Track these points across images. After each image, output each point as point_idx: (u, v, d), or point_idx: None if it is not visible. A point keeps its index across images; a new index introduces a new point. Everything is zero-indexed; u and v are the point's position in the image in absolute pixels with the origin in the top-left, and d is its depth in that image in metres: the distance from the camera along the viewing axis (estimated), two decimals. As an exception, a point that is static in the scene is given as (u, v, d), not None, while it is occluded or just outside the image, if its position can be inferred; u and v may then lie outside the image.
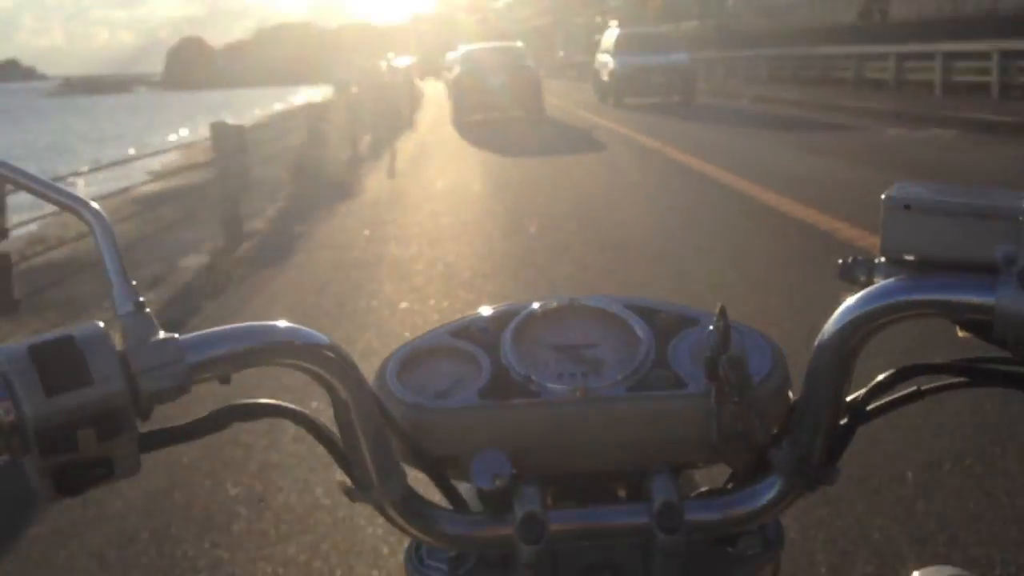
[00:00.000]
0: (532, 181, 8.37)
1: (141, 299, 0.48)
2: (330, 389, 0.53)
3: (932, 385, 0.56)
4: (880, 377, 0.55)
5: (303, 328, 0.52)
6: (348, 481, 0.57)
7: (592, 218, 6.31)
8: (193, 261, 5.78)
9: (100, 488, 0.47)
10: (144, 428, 0.48)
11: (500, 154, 10.88)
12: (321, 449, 0.57)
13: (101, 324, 0.46)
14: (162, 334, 0.48)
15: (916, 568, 0.63)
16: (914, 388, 0.56)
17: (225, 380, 0.51)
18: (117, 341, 0.47)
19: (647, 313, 0.64)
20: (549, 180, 8.25)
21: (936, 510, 2.14)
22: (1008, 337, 0.47)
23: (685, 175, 8.09)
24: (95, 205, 0.52)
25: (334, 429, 0.56)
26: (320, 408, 0.57)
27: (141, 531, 2.28)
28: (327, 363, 0.52)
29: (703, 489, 0.62)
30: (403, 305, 4.28)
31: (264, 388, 1.44)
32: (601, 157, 10.38)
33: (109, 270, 0.49)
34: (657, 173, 8.46)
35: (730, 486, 0.61)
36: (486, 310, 0.65)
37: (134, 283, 0.49)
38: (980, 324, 0.48)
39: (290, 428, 2.16)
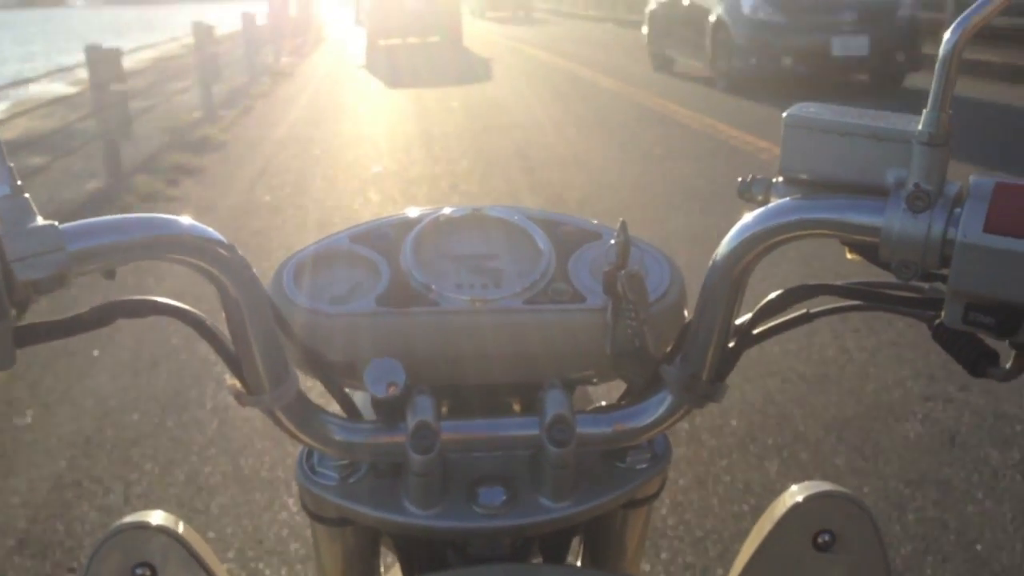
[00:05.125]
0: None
1: (19, 183, 0.45)
2: (221, 289, 0.52)
3: (820, 308, 0.58)
4: (769, 298, 0.56)
5: (196, 223, 0.50)
6: (238, 385, 0.56)
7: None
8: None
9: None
10: (23, 321, 0.46)
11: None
12: None
13: None
14: (41, 220, 0.45)
15: (795, 484, 0.64)
16: (803, 311, 0.57)
17: (110, 275, 0.49)
18: None
19: (550, 226, 0.64)
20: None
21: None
22: (892, 260, 0.48)
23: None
24: None
25: (225, 331, 0.54)
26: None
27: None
28: (219, 261, 0.50)
29: (597, 405, 0.62)
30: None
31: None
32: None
33: None
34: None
35: (623, 402, 0.61)
36: (389, 216, 0.64)
37: (11, 165, 0.45)
38: (868, 246, 0.49)
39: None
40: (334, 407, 0.61)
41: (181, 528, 0.62)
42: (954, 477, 2.09)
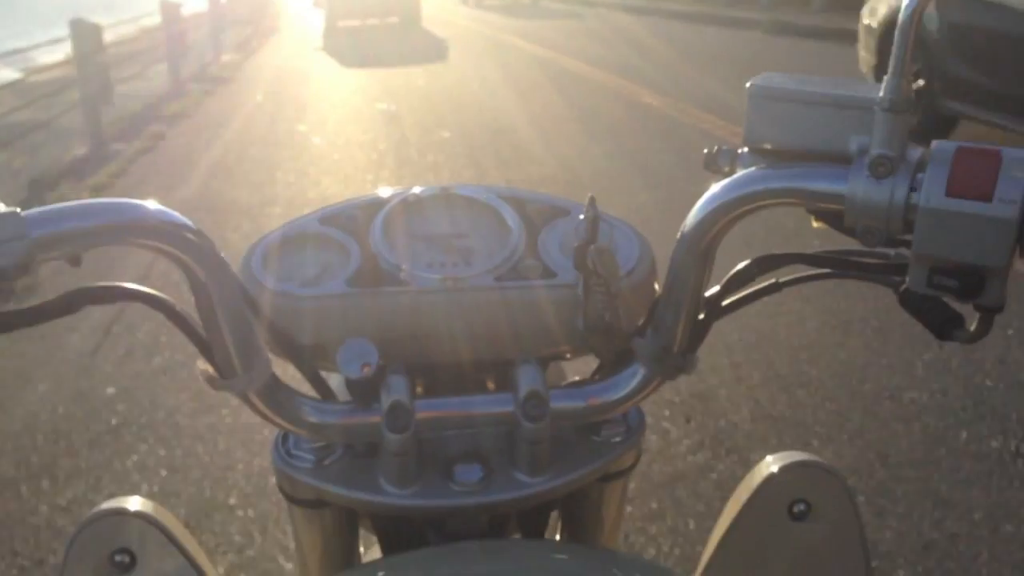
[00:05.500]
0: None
1: None
2: (190, 274, 0.72)
3: (789, 278, 0.80)
4: (737, 268, 0.78)
5: (164, 208, 0.69)
6: (210, 369, 0.77)
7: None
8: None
9: None
10: None
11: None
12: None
13: None
14: (2, 207, 0.60)
15: (770, 455, 0.88)
16: (772, 281, 0.80)
17: (75, 262, 0.67)
18: None
19: (519, 203, 0.88)
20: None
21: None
22: (857, 226, 0.67)
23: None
24: None
25: (196, 316, 0.75)
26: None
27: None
28: (186, 245, 0.70)
29: (571, 380, 0.86)
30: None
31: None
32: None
33: None
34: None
35: (597, 377, 0.85)
36: (358, 197, 0.88)
37: None
38: (833, 214, 0.69)
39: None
40: (309, 390, 0.83)
41: (159, 513, 0.84)
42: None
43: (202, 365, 0.77)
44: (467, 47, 16.86)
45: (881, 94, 0.65)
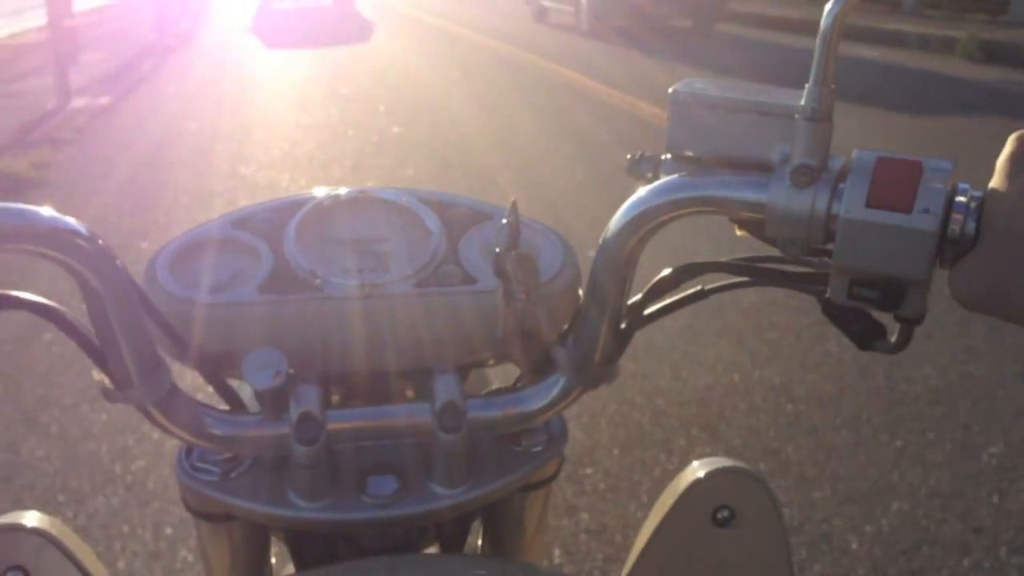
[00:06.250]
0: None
1: None
2: (80, 280, 0.68)
3: (712, 286, 0.80)
4: (659, 276, 0.78)
5: (51, 212, 0.65)
6: (106, 380, 0.73)
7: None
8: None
9: None
10: None
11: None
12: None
13: None
14: None
15: (696, 460, 0.87)
16: (697, 288, 0.80)
17: None
18: None
19: (440, 207, 0.86)
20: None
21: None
22: (778, 236, 0.68)
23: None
24: None
25: (89, 324, 0.71)
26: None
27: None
28: (75, 251, 0.66)
29: (491, 388, 0.84)
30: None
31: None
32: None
33: None
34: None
35: (519, 385, 0.83)
36: (271, 200, 0.85)
37: None
38: (755, 222, 0.69)
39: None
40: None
41: (56, 529, 0.81)
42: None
43: (97, 376, 0.74)
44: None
45: (803, 103, 0.65)
